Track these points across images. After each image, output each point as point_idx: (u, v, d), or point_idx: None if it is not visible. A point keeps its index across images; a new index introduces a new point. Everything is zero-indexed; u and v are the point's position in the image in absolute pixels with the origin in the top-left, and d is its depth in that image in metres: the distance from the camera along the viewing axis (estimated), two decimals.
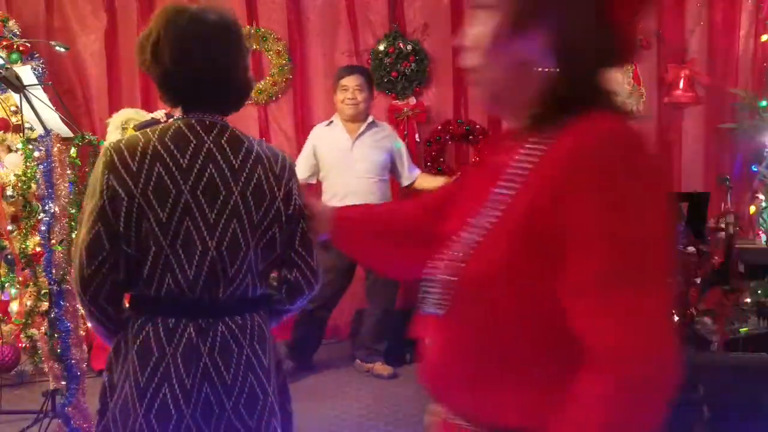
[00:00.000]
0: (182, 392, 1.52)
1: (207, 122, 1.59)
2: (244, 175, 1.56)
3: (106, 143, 4.18)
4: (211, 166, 1.54)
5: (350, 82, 3.97)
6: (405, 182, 4.15)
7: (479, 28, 1.01)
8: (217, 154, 1.56)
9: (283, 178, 1.62)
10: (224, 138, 1.59)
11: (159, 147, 1.53)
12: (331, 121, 4.11)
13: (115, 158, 1.52)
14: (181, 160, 1.53)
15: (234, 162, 1.56)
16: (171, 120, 1.64)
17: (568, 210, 0.89)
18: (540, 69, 0.96)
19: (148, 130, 1.59)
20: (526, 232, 0.93)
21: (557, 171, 0.91)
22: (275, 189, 1.60)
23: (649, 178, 0.91)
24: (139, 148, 1.52)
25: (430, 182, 4.10)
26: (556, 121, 0.94)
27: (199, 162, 1.53)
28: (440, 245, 1.04)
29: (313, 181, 4.12)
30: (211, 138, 1.57)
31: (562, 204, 0.89)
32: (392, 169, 4.10)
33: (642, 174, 0.90)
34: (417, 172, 4.18)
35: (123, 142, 1.56)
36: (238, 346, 1.57)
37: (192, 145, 1.55)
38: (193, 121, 1.58)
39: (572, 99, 0.95)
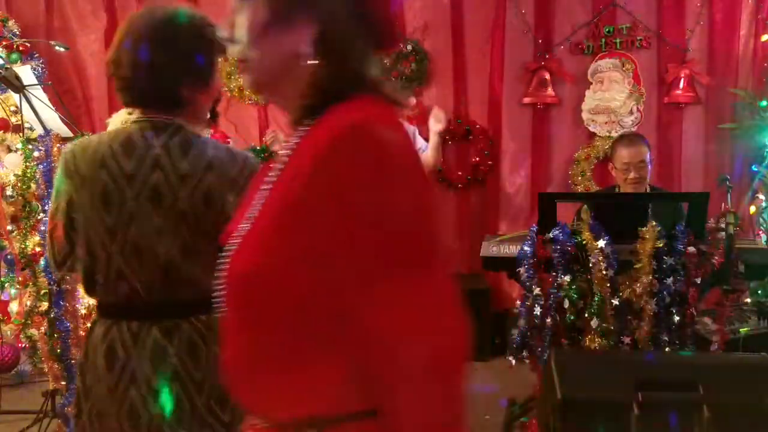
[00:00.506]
0: (150, 393, 1.53)
1: (160, 124, 1.57)
2: (193, 181, 1.53)
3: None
4: (157, 172, 1.52)
5: None
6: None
7: (244, 20, 1.01)
8: (164, 159, 1.53)
9: (238, 184, 1.57)
10: (175, 141, 1.55)
11: (106, 153, 1.53)
12: None
13: (70, 164, 1.54)
14: (126, 167, 1.52)
15: (181, 168, 1.53)
16: (128, 122, 1.63)
17: (321, 202, 0.90)
18: (305, 61, 0.97)
19: (105, 132, 1.61)
20: (283, 225, 0.93)
21: (307, 163, 0.92)
22: (228, 194, 1.56)
23: (396, 164, 0.91)
24: (89, 154, 1.54)
25: (433, 152, 4.12)
26: (321, 112, 0.96)
27: (145, 168, 1.52)
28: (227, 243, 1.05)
29: None
30: (160, 142, 1.54)
31: (314, 196, 0.90)
32: None
33: (388, 160, 0.90)
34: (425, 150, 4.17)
35: (78, 146, 1.57)
36: (206, 345, 1.58)
37: (139, 150, 1.53)
38: (146, 123, 1.57)
39: (338, 89, 0.97)
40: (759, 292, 4.08)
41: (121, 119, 4.33)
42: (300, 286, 0.92)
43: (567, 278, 2.62)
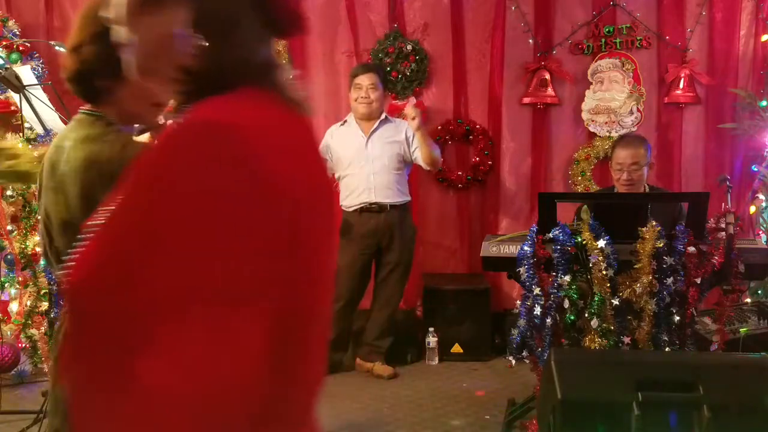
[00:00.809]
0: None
1: (83, 115, 1.61)
2: (79, 176, 1.51)
3: None
4: (64, 165, 1.54)
5: (364, 80, 4.00)
6: (424, 165, 4.08)
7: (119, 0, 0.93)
8: (67, 153, 1.54)
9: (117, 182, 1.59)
10: (80, 134, 1.57)
11: (51, 144, 1.64)
12: (345, 121, 4.14)
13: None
14: (52, 158, 1.58)
15: (74, 163, 1.53)
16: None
17: (135, 211, 0.79)
18: (186, 43, 0.88)
19: None
20: (105, 235, 0.81)
21: (140, 165, 0.82)
22: (105, 192, 1.56)
23: (234, 182, 0.77)
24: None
25: (425, 148, 4.03)
26: (201, 101, 0.86)
27: (59, 161, 1.57)
28: None
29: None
30: (73, 135, 1.57)
31: (130, 204, 0.80)
32: (413, 156, 4.06)
33: (222, 177, 0.77)
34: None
35: None
36: None
37: (59, 142, 1.61)
38: (78, 115, 1.63)
39: (216, 76, 0.88)
40: (759, 292, 4.08)
41: None
42: (109, 310, 0.79)
43: (567, 278, 2.62)
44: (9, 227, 3.81)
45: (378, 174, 3.98)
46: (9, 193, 3.83)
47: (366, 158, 3.98)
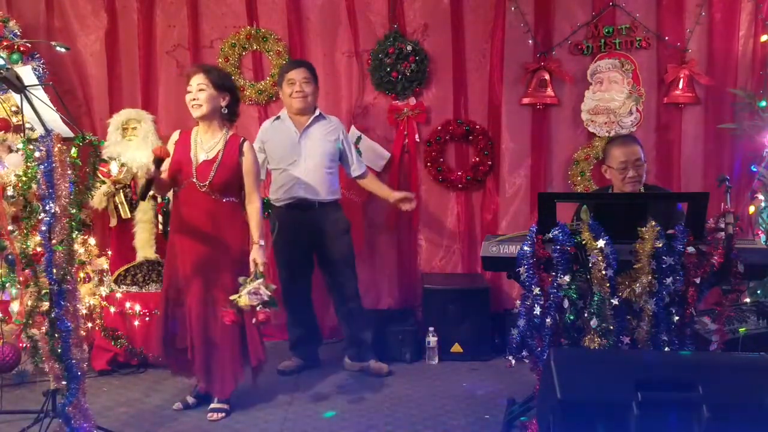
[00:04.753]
0: None
1: None
2: None
3: (106, 143, 4.20)
4: None
5: (297, 75, 3.97)
6: (353, 173, 4.15)
7: None
8: None
9: None
10: None
11: None
12: (279, 117, 4.10)
13: None
14: None
15: None
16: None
17: None
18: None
19: None
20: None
21: None
22: None
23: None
24: None
25: (376, 187, 4.21)
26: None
27: None
28: None
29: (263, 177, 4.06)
30: None
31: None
32: (341, 159, 4.10)
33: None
34: (365, 168, 4.21)
35: None
36: None
37: None
38: None
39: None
40: (758, 292, 4.09)
41: (121, 119, 4.36)
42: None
43: (567, 278, 2.62)
44: (10, 227, 3.82)
45: (310, 171, 3.96)
46: (10, 193, 3.83)
47: (299, 154, 3.96)
